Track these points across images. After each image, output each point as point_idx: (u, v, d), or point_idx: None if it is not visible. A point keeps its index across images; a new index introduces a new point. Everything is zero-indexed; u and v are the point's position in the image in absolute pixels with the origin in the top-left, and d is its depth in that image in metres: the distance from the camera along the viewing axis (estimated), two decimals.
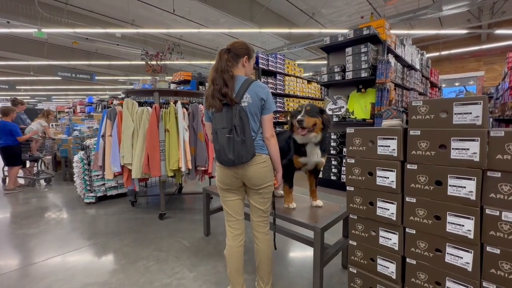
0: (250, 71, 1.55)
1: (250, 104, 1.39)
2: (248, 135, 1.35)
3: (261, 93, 1.39)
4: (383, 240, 1.18)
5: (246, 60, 1.48)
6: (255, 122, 1.42)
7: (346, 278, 1.91)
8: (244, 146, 1.35)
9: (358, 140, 1.23)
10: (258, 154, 1.42)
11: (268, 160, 1.46)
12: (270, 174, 1.48)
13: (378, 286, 1.20)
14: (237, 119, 1.34)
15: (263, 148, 1.45)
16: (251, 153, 1.37)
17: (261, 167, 1.43)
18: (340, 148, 4.05)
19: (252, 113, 1.40)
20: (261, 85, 1.43)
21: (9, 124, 4.20)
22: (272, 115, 1.44)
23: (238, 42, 1.49)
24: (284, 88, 6.37)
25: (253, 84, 1.41)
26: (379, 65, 3.58)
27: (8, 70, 13.23)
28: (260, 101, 1.39)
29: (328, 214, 1.88)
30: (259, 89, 1.40)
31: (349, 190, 1.28)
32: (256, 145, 1.42)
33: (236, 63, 1.45)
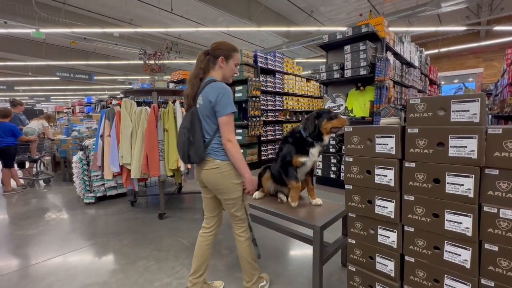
0: (231, 72, 1.49)
1: (201, 106, 1.39)
2: (197, 137, 1.37)
3: (210, 95, 1.34)
4: (381, 238, 1.18)
5: (223, 61, 1.43)
6: (209, 125, 1.40)
7: (345, 276, 1.91)
8: (193, 148, 1.38)
9: (356, 139, 1.23)
10: (210, 159, 1.40)
11: (223, 166, 1.39)
12: (225, 181, 1.41)
13: (377, 284, 1.20)
14: (188, 121, 1.41)
15: (218, 153, 1.40)
16: (199, 156, 1.38)
17: (212, 173, 1.40)
18: (339, 146, 4.05)
19: (204, 115, 1.39)
20: (214, 86, 1.36)
21: (9, 125, 4.20)
22: (228, 118, 1.34)
23: (217, 42, 1.46)
24: (283, 86, 6.36)
25: (208, 86, 1.38)
26: (378, 62, 3.58)
27: (6, 71, 13.19)
28: (209, 103, 1.34)
29: (327, 212, 1.88)
30: (210, 90, 1.35)
31: (347, 189, 1.28)
32: (210, 149, 1.40)
33: (213, 65, 1.44)
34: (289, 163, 1.85)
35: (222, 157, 1.40)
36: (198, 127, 1.39)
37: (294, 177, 1.86)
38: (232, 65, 1.47)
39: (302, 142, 1.81)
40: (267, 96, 5.95)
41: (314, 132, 1.75)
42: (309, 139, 1.78)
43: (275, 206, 1.98)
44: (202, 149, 1.38)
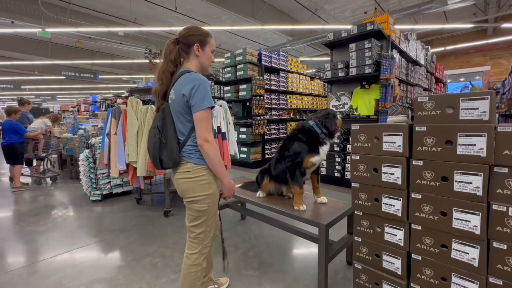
0: (208, 60, 1.30)
1: (173, 101, 1.19)
2: (170, 138, 1.19)
3: (183, 87, 1.14)
4: (388, 236, 1.18)
5: (198, 48, 1.24)
6: (183, 123, 1.20)
7: (351, 274, 1.92)
8: (165, 151, 1.19)
9: (363, 137, 1.23)
10: (183, 161, 1.21)
11: (195, 171, 1.19)
12: (194, 188, 1.21)
13: (384, 282, 1.20)
14: (159, 120, 1.21)
15: (191, 155, 1.21)
16: (173, 160, 1.19)
17: (182, 177, 1.21)
18: (344, 145, 4.04)
19: (176, 112, 1.19)
20: (188, 77, 1.16)
21: (13, 123, 4.26)
22: (204, 113, 1.14)
23: (187, 28, 1.27)
24: (287, 85, 6.35)
25: (181, 77, 1.18)
26: (383, 60, 3.55)
27: (13, 70, 13.37)
28: (182, 97, 1.15)
29: (332, 210, 1.88)
30: (183, 82, 1.15)
31: (354, 187, 1.28)
32: (183, 151, 1.21)
33: (186, 55, 1.25)
34: (298, 165, 1.79)
35: (196, 160, 1.20)
36: (171, 126, 1.19)
37: (299, 183, 1.83)
38: (209, 52, 1.28)
39: (315, 140, 1.78)
40: (271, 95, 5.94)
41: (330, 130, 1.76)
42: (322, 136, 1.76)
43: (280, 205, 1.98)
44: (176, 152, 1.18)
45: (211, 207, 1.26)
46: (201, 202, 1.22)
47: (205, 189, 1.21)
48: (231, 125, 3.40)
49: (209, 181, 1.22)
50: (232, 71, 5.78)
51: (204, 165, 1.20)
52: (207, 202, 1.23)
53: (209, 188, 1.22)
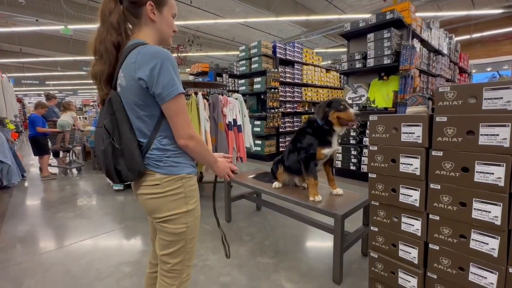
0: (169, 27, 0.94)
1: (123, 88, 0.85)
2: (126, 141, 0.85)
3: (138, 68, 0.80)
4: (405, 226, 1.20)
5: (153, 10, 0.88)
6: (142, 120, 0.86)
7: (366, 265, 1.94)
8: (122, 160, 0.86)
9: (381, 128, 1.23)
10: (149, 171, 0.88)
11: (165, 183, 0.87)
12: (165, 206, 0.89)
13: (400, 271, 1.22)
14: (105, 115, 0.87)
15: (160, 163, 0.87)
16: (136, 171, 0.86)
17: (149, 193, 0.89)
18: (360, 137, 3.98)
19: (131, 103, 0.85)
20: (143, 51, 0.81)
21: (32, 116, 4.50)
22: (177, 102, 0.82)
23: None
24: (302, 77, 6.28)
25: (131, 53, 0.82)
26: (403, 50, 3.44)
27: (38, 66, 14.04)
28: (137, 82, 0.81)
29: (348, 202, 1.90)
30: (136, 59, 0.80)
31: (371, 177, 1.29)
32: (148, 158, 0.88)
33: (135, 19, 0.89)
34: (312, 157, 1.86)
35: (166, 169, 0.87)
36: (125, 125, 0.85)
37: (313, 174, 1.89)
38: (168, 15, 0.92)
39: (322, 131, 1.82)
40: (286, 88, 5.92)
41: (324, 119, 1.76)
42: (326, 127, 1.79)
43: (296, 195, 2.02)
44: (138, 160, 0.85)
45: (191, 228, 0.93)
46: (177, 222, 0.90)
47: (181, 205, 0.90)
48: (247, 117, 3.45)
49: (186, 194, 0.90)
50: (247, 64, 5.79)
51: (178, 175, 0.88)
52: (184, 222, 0.90)
53: (186, 203, 0.91)
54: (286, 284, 1.76)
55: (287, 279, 1.81)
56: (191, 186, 0.93)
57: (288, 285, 1.75)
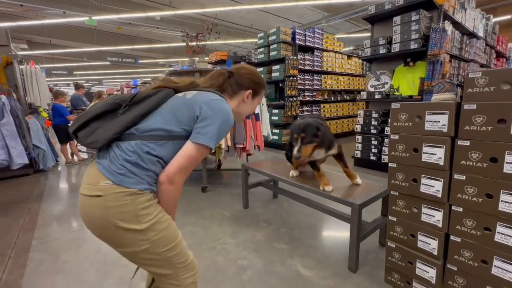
0: (251, 110, 1.14)
1: (180, 100, 0.94)
2: (132, 114, 0.89)
3: (204, 103, 0.89)
4: (425, 217, 1.17)
5: (249, 96, 1.07)
6: (167, 122, 0.91)
7: (383, 254, 1.93)
8: (108, 123, 0.89)
9: (403, 116, 1.19)
10: (102, 176, 0.82)
11: (111, 195, 0.79)
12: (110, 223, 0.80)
13: (418, 261, 1.21)
14: (150, 99, 0.93)
15: (127, 177, 0.81)
16: (102, 138, 0.84)
17: (92, 203, 0.82)
18: (382, 127, 3.84)
19: (174, 109, 0.92)
20: (216, 103, 0.90)
21: (57, 106, 4.75)
22: (199, 149, 0.86)
23: (247, 68, 1.09)
24: (322, 64, 6.10)
25: (210, 93, 0.94)
26: (433, 34, 3.22)
27: (66, 57, 14.75)
28: (192, 109, 0.89)
29: (366, 192, 1.87)
30: (207, 100, 0.90)
31: (391, 167, 1.26)
32: (120, 156, 0.84)
33: (232, 93, 1.05)
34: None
35: (128, 180, 0.79)
36: (151, 106, 0.86)
37: (315, 167, 1.96)
38: (256, 103, 1.14)
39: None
40: (305, 75, 5.79)
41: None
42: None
43: (313, 184, 2.02)
44: (116, 130, 0.81)
45: (159, 241, 0.84)
46: (131, 243, 0.82)
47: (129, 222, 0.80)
48: (264, 106, 3.44)
49: (140, 208, 0.81)
50: (265, 52, 5.71)
51: (136, 190, 0.80)
52: (143, 240, 0.82)
53: (136, 221, 0.81)
54: (301, 270, 1.80)
55: (302, 264, 1.85)
56: (144, 203, 0.81)
57: (303, 270, 1.79)
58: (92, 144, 0.81)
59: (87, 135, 0.82)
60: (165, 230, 0.85)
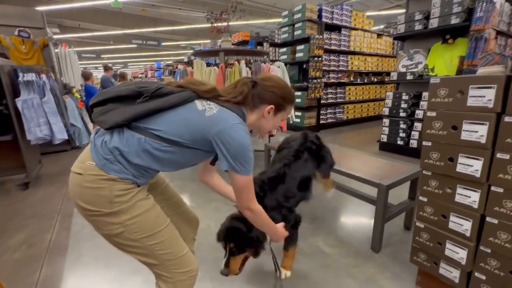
0: (272, 127, 1.04)
1: (194, 112, 0.87)
2: (159, 104, 0.85)
3: (217, 125, 0.83)
4: (460, 198, 1.13)
5: (271, 111, 0.97)
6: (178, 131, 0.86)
7: (407, 237, 1.90)
8: (127, 106, 0.88)
9: (443, 91, 1.12)
10: (90, 159, 0.83)
11: (90, 177, 0.79)
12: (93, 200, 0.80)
13: (448, 242, 1.18)
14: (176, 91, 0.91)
15: (113, 163, 0.80)
16: (119, 119, 0.83)
17: (75, 181, 0.83)
18: (412, 110, 3.64)
19: (184, 123, 0.86)
20: (229, 127, 0.83)
21: (89, 87, 4.98)
22: (245, 181, 0.91)
23: (272, 79, 0.99)
24: (349, 44, 5.79)
25: (226, 112, 0.87)
26: (478, 7, 2.91)
27: (94, 41, 15.27)
28: (204, 126, 0.83)
29: (394, 173, 1.83)
30: (221, 121, 0.83)
31: (425, 145, 1.21)
32: (114, 142, 0.82)
33: (253, 106, 0.96)
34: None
35: (110, 166, 0.78)
36: (168, 104, 0.81)
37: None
38: (278, 119, 1.04)
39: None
40: (330, 56, 5.56)
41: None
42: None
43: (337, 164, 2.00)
44: (125, 118, 0.79)
45: (134, 226, 0.81)
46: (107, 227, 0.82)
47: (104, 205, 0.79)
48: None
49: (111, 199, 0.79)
50: (289, 31, 5.51)
51: (107, 174, 0.78)
52: (116, 222, 0.80)
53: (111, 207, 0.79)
54: (323, 247, 1.83)
55: (324, 242, 1.88)
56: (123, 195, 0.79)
57: (325, 248, 1.83)
58: (100, 123, 0.80)
59: (100, 112, 0.81)
60: (141, 215, 0.81)
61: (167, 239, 0.86)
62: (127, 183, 0.79)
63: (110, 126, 0.79)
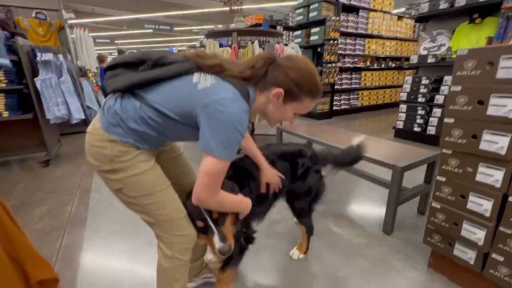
0: (280, 117, 0.90)
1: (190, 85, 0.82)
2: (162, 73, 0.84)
3: (209, 96, 0.76)
4: (481, 177, 1.08)
5: (279, 97, 0.83)
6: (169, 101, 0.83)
7: (420, 221, 1.87)
8: (132, 73, 0.89)
9: (471, 63, 1.05)
10: (97, 122, 0.88)
11: (96, 136, 0.83)
12: (97, 157, 0.84)
13: (465, 222, 1.15)
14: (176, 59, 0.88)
15: (117, 127, 0.82)
16: (121, 85, 0.87)
17: (87, 140, 0.88)
18: (431, 95, 3.48)
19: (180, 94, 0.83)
20: (222, 97, 0.75)
21: (104, 69, 5.06)
22: (213, 162, 0.78)
23: (293, 59, 0.86)
24: (367, 27, 5.54)
25: (224, 85, 0.78)
26: None
27: (108, 26, 15.37)
28: (196, 101, 0.77)
29: (409, 156, 1.77)
30: (212, 93, 0.76)
31: (447, 123, 1.16)
32: (117, 109, 0.84)
33: (264, 86, 0.85)
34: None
35: (113, 129, 0.81)
36: (167, 73, 0.79)
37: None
38: (289, 111, 0.89)
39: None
40: (346, 39, 5.35)
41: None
42: None
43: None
44: (124, 85, 0.80)
45: (130, 185, 0.85)
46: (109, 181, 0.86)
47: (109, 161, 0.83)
48: None
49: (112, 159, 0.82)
50: (304, 13, 5.32)
51: (118, 138, 0.81)
52: (115, 177, 0.84)
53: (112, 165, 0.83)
54: (333, 227, 1.83)
55: (334, 223, 1.88)
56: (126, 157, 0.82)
57: (335, 228, 1.82)
58: (107, 86, 0.83)
59: (109, 76, 0.84)
60: (139, 175, 0.83)
61: (163, 201, 0.88)
62: (127, 146, 0.81)
63: (111, 91, 0.83)
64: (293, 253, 1.54)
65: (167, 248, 0.90)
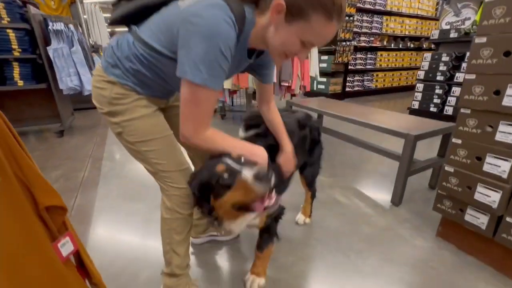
0: (282, 44, 0.70)
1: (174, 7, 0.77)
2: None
3: (191, 12, 0.65)
4: (501, 136, 1.02)
5: (281, 12, 0.64)
6: (155, 34, 0.77)
7: (430, 195, 1.82)
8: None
9: (487, 51, 0.97)
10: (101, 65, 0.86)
11: (99, 79, 0.81)
12: (99, 102, 0.83)
13: (479, 185, 1.10)
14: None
15: (115, 68, 0.80)
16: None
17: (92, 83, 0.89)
18: (452, 74, 3.31)
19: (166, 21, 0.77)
20: (199, 9, 0.64)
21: None
22: (190, 88, 0.69)
23: None
24: (386, 3, 5.24)
25: (216, 6, 0.64)
26: None
27: None
28: (175, 23, 0.70)
29: (423, 127, 1.70)
30: (194, 4, 0.66)
31: (462, 113, 1.08)
32: (117, 48, 0.82)
33: (266, 6, 0.68)
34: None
35: (111, 70, 0.78)
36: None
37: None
38: (295, 37, 0.67)
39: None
40: (363, 16, 5.09)
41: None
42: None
43: (364, 117, 1.91)
44: (119, 14, 0.80)
45: (130, 129, 0.82)
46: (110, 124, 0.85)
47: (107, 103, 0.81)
48: None
49: (120, 95, 0.80)
50: None
51: (117, 79, 0.78)
52: (115, 121, 0.82)
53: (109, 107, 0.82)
54: (340, 198, 1.81)
55: (341, 194, 1.86)
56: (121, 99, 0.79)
57: (341, 198, 1.81)
58: (109, 19, 0.85)
59: (113, 9, 0.84)
60: (137, 120, 0.80)
61: (162, 150, 0.85)
62: (126, 88, 0.78)
63: (110, 22, 0.85)
64: (299, 218, 1.54)
65: (167, 200, 0.89)
